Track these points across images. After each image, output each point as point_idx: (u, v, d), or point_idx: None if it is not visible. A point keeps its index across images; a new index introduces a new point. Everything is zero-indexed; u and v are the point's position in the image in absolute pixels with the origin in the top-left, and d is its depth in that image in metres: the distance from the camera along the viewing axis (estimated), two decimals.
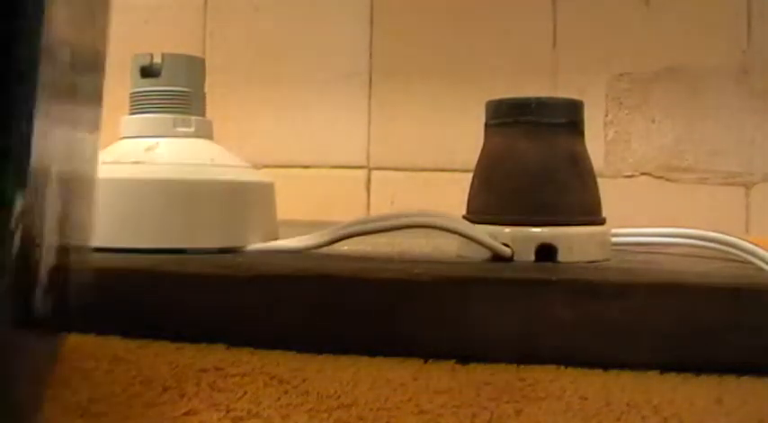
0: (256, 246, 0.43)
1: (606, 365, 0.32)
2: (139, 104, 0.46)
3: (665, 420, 0.26)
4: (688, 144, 0.78)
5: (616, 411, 0.27)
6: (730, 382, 0.31)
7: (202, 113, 0.47)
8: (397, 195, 0.83)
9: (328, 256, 0.41)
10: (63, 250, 0.24)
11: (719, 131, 0.77)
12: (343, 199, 0.84)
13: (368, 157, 0.84)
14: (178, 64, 0.46)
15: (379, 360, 0.33)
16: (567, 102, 0.42)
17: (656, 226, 0.46)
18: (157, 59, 0.46)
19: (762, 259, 0.40)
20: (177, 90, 0.46)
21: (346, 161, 0.85)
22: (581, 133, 0.43)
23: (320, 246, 0.42)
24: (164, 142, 0.45)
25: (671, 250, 0.46)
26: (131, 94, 0.46)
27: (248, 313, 0.35)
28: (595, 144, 0.76)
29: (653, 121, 0.78)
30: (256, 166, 0.48)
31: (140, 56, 0.46)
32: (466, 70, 0.82)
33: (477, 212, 0.42)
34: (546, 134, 0.41)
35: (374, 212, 0.82)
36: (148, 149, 0.44)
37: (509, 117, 0.42)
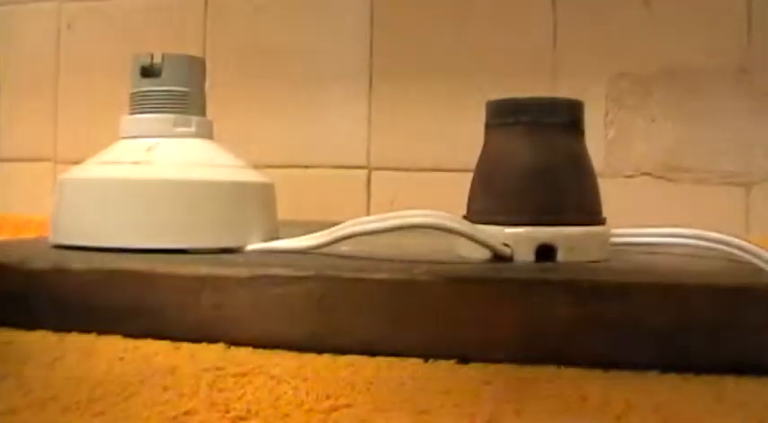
0: (256, 246, 0.43)
1: (606, 365, 0.32)
2: (140, 104, 0.46)
3: (665, 420, 0.26)
4: (688, 144, 0.78)
5: (616, 411, 0.27)
6: (730, 382, 0.31)
7: (203, 113, 0.47)
8: (397, 195, 0.83)
9: (328, 256, 0.41)
10: None
11: (719, 131, 0.77)
12: (343, 199, 0.84)
13: (368, 157, 0.84)
14: (178, 64, 0.46)
15: (378, 360, 0.33)
16: (568, 102, 0.42)
17: (656, 226, 0.46)
18: (158, 59, 0.46)
19: (762, 259, 0.40)
20: (177, 90, 0.46)
21: (346, 161, 0.85)
22: (581, 133, 0.43)
23: (320, 246, 0.42)
24: (164, 142, 0.45)
25: (671, 250, 0.46)
26: (131, 94, 0.46)
27: (248, 313, 0.35)
28: (595, 144, 0.76)
29: (653, 121, 0.78)
30: (256, 166, 0.48)
31: (140, 56, 0.46)
32: (466, 70, 0.82)
33: (477, 213, 0.42)
34: (546, 134, 0.41)
35: (374, 212, 0.82)
36: (149, 149, 0.44)
37: (509, 117, 0.42)
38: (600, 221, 0.42)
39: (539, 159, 0.41)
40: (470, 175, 0.44)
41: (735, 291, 0.32)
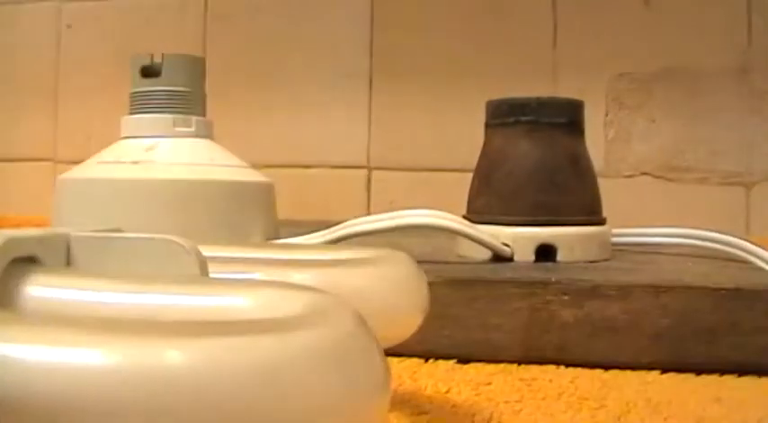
0: None
1: (606, 365, 0.32)
2: (139, 104, 0.46)
3: (665, 420, 0.26)
4: (688, 144, 0.78)
5: (616, 411, 0.27)
6: (730, 381, 0.31)
7: (203, 113, 0.47)
8: (397, 195, 0.83)
9: None
10: None
11: (719, 131, 0.77)
12: (343, 199, 0.84)
13: (368, 157, 0.84)
14: (178, 63, 0.46)
15: None
16: (568, 101, 0.42)
17: (656, 226, 0.46)
18: (158, 59, 0.46)
19: (761, 259, 0.40)
20: (177, 90, 0.46)
21: (346, 161, 0.85)
22: (581, 133, 0.43)
23: None
24: (164, 142, 0.45)
25: (671, 250, 0.46)
26: (131, 93, 0.46)
27: None
28: (595, 144, 0.76)
29: (653, 121, 0.78)
30: (257, 166, 0.48)
31: (140, 56, 0.46)
32: (466, 70, 0.82)
33: (477, 212, 0.42)
34: (546, 134, 0.41)
35: (374, 212, 0.82)
36: (148, 149, 0.44)
37: (509, 117, 0.42)
38: (600, 221, 0.42)
39: (539, 159, 0.41)
40: (470, 175, 0.44)
41: (734, 291, 0.32)
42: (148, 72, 0.46)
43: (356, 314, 0.15)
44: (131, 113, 0.46)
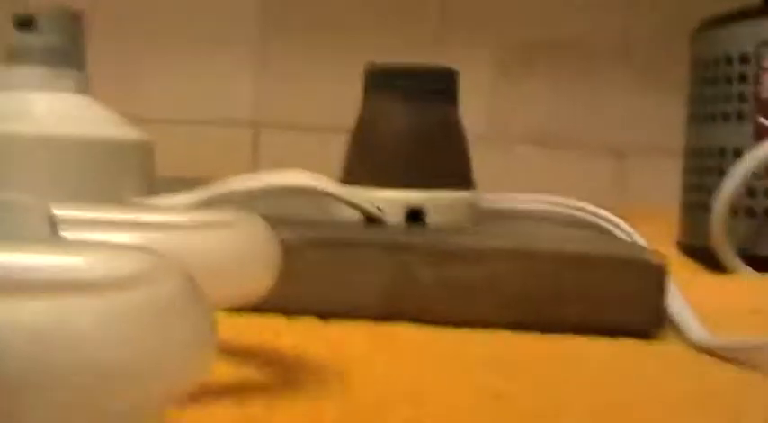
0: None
1: (463, 325, 0.34)
2: (14, 57, 0.45)
3: (509, 377, 0.28)
4: (569, 115, 0.81)
5: (465, 366, 0.28)
6: (573, 340, 0.33)
7: (81, 68, 0.46)
8: (285, 155, 0.83)
9: None
10: None
11: (599, 103, 0.80)
12: (229, 158, 0.84)
13: (256, 115, 0.84)
14: (56, 16, 0.45)
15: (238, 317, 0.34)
16: (441, 70, 0.43)
17: (524, 193, 0.48)
18: (34, 11, 0.45)
19: (620, 229, 0.43)
20: (54, 43, 0.45)
21: (234, 118, 0.85)
22: (455, 101, 0.44)
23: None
24: (38, 97, 0.44)
25: (543, 217, 0.48)
26: (6, 46, 0.45)
27: None
28: (478, 112, 0.78)
29: (536, 91, 0.81)
30: (141, 122, 0.48)
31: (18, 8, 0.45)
32: (354, 30, 0.83)
33: (350, 175, 0.43)
34: (419, 101, 0.42)
35: (262, 171, 0.82)
36: (21, 103, 0.43)
37: (384, 82, 0.43)
38: (470, 187, 0.44)
39: (411, 125, 0.42)
40: None
41: (584, 257, 0.34)
42: (24, 24, 0.45)
43: (183, 274, 0.15)
44: (5, 66, 0.45)
